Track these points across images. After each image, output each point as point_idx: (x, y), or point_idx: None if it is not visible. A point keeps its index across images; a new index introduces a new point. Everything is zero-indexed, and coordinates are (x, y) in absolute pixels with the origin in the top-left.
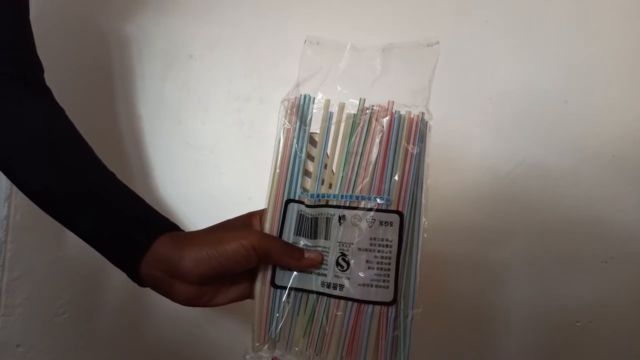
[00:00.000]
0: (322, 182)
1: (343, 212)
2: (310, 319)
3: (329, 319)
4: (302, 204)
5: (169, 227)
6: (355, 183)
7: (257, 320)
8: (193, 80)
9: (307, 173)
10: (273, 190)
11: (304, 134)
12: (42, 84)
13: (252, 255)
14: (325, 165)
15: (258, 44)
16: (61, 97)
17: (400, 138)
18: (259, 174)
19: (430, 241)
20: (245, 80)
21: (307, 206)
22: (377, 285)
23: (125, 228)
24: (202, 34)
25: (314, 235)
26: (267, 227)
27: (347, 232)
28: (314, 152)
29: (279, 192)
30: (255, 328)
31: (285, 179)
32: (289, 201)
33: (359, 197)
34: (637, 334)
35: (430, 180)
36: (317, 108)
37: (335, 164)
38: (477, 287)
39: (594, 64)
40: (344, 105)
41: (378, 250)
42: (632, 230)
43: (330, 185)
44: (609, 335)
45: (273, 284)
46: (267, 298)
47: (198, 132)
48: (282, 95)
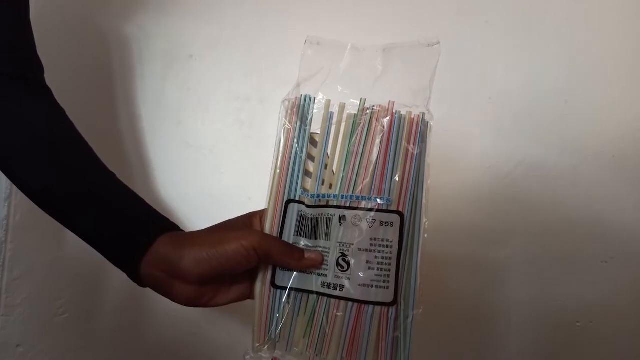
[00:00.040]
0: (322, 182)
1: (343, 212)
2: (311, 320)
3: (329, 319)
4: (303, 204)
5: (169, 227)
6: (355, 183)
7: (257, 321)
8: (193, 80)
9: (307, 173)
10: (273, 191)
11: (305, 134)
12: (42, 84)
13: (252, 256)
14: (326, 165)
15: (258, 44)
16: (61, 97)
17: (401, 138)
18: (259, 174)
19: (430, 241)
20: (245, 80)
21: (308, 206)
22: (377, 286)
23: (125, 228)
24: (202, 34)
25: (315, 235)
26: (268, 227)
27: (348, 233)
28: (314, 153)
29: (279, 192)
30: (255, 328)
31: (286, 179)
32: (289, 201)
33: (360, 198)
34: (637, 334)
35: (430, 181)
36: (318, 108)
37: (335, 164)
38: (477, 287)
39: (594, 64)
40: (344, 105)
41: (378, 251)
42: (632, 230)
43: (330, 186)
44: (609, 335)
45: (273, 284)
46: (267, 298)
47: (198, 132)
48: (282, 95)
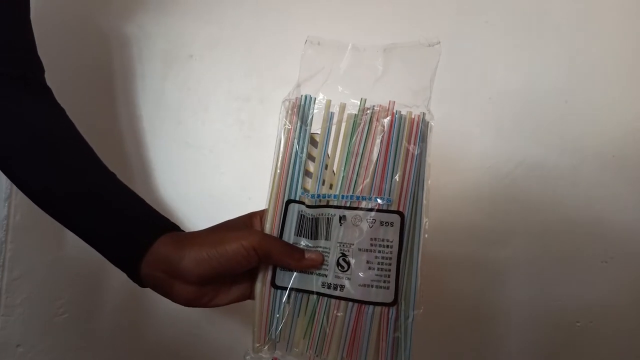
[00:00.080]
0: (322, 182)
1: (344, 212)
2: (311, 320)
3: (330, 319)
4: (303, 204)
5: (169, 228)
6: (355, 183)
7: (257, 321)
8: (193, 80)
9: (307, 173)
10: (274, 191)
11: (305, 135)
12: (42, 84)
13: (252, 256)
14: (326, 165)
15: (258, 44)
16: (61, 97)
17: (401, 138)
18: (259, 174)
19: (430, 241)
20: (245, 80)
21: (308, 206)
22: (377, 286)
23: (125, 228)
24: (203, 34)
25: (315, 235)
26: (268, 227)
27: (348, 233)
28: (314, 153)
29: (279, 192)
30: (255, 329)
31: (286, 179)
32: (289, 201)
33: (360, 198)
34: (637, 334)
35: (430, 181)
36: (318, 108)
37: (336, 165)
38: (477, 287)
39: (594, 64)
40: (344, 105)
41: (379, 251)
42: (632, 230)
43: (330, 186)
44: (609, 335)
45: (273, 284)
46: (267, 299)
47: (198, 132)
48: (282, 95)
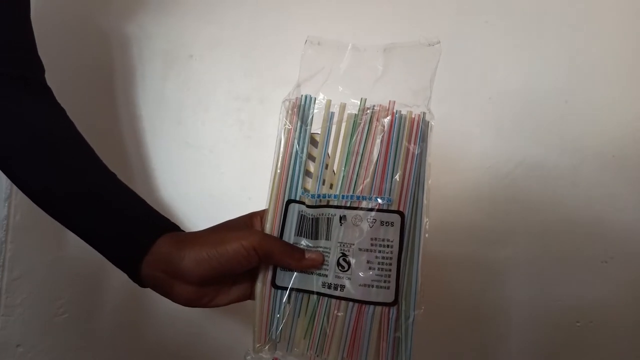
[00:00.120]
0: (323, 182)
1: (344, 212)
2: (311, 320)
3: (330, 319)
4: (303, 204)
5: (169, 228)
6: (356, 183)
7: (257, 321)
8: (193, 80)
9: (308, 173)
10: (274, 191)
11: (305, 135)
12: (42, 84)
13: (252, 256)
14: (326, 165)
15: (258, 44)
16: (61, 97)
17: (401, 138)
18: (259, 174)
19: (430, 241)
20: (245, 80)
21: (308, 206)
22: (378, 286)
23: (125, 228)
24: (203, 34)
25: (315, 235)
26: (268, 227)
27: (348, 233)
28: (314, 153)
29: (279, 192)
30: (255, 329)
31: (286, 179)
32: (289, 201)
33: (360, 197)
34: (637, 334)
35: (430, 180)
36: (318, 108)
37: (336, 164)
38: (477, 287)
39: (594, 64)
40: (345, 105)
41: (379, 251)
42: (632, 230)
43: (331, 186)
44: (609, 335)
45: (274, 284)
46: (267, 299)
47: (198, 132)
48: (282, 95)
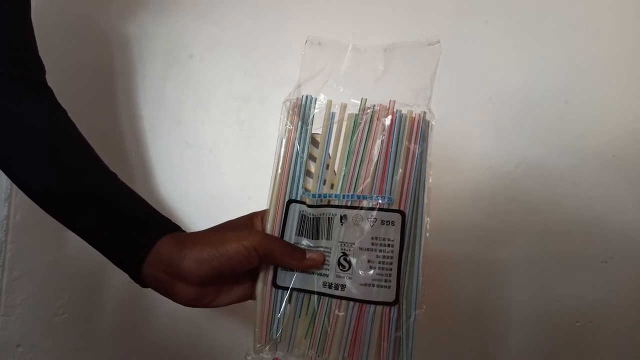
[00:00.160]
0: (323, 182)
1: (345, 211)
2: (312, 320)
3: (331, 319)
4: (304, 204)
5: (170, 228)
6: (356, 183)
7: (258, 321)
8: (193, 80)
9: (308, 173)
10: (275, 191)
11: (306, 135)
12: (43, 84)
13: (253, 256)
14: (327, 165)
15: (258, 44)
16: (61, 97)
17: (402, 137)
18: (259, 174)
19: (430, 241)
20: (245, 80)
21: (309, 206)
22: (378, 285)
23: (126, 228)
24: (203, 34)
25: (316, 235)
26: (269, 227)
27: (349, 232)
28: (315, 153)
29: (280, 192)
30: (256, 329)
31: (287, 179)
32: (290, 201)
33: (361, 197)
34: (637, 334)
35: (431, 180)
36: (319, 108)
37: (337, 164)
38: (477, 287)
39: (594, 64)
40: (345, 105)
41: (380, 250)
42: (632, 230)
43: (332, 186)
44: (609, 335)
45: (274, 284)
46: (268, 299)
47: (198, 132)
48: (282, 95)
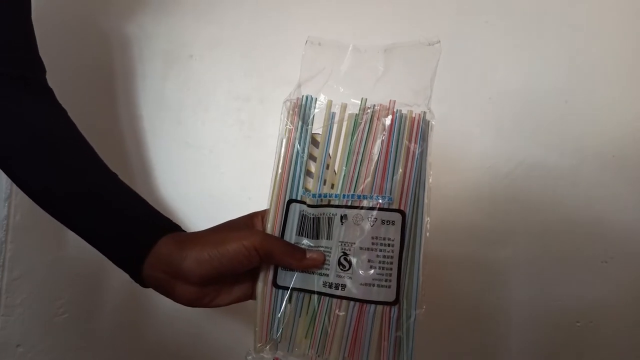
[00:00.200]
0: (324, 182)
1: (345, 211)
2: (312, 320)
3: (331, 319)
4: (304, 204)
5: (171, 228)
6: (357, 182)
7: (258, 321)
8: (193, 80)
9: (309, 173)
10: (275, 191)
11: (306, 135)
12: (43, 84)
13: (253, 256)
14: (327, 165)
15: (258, 44)
16: (62, 97)
17: (402, 137)
18: (259, 174)
19: (430, 241)
20: (245, 80)
21: (309, 206)
22: (379, 285)
23: (126, 228)
24: (203, 34)
25: (316, 235)
26: (269, 227)
27: (349, 232)
28: (315, 153)
29: (281, 192)
30: (257, 329)
31: (287, 179)
32: (291, 201)
33: (361, 197)
34: (637, 334)
35: (431, 180)
36: (319, 108)
37: (337, 164)
38: (477, 287)
39: (594, 64)
40: (346, 105)
41: (380, 250)
42: (632, 230)
43: (332, 185)
44: (609, 335)
45: (275, 284)
46: (269, 298)
47: (198, 132)
48: (282, 95)
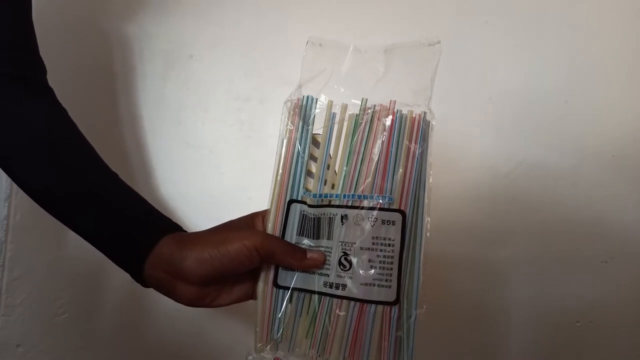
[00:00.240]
0: (324, 182)
1: (345, 211)
2: (313, 320)
3: (332, 319)
4: (305, 204)
5: (171, 228)
6: (357, 182)
7: (259, 321)
8: (193, 80)
9: (309, 173)
10: (276, 191)
11: (307, 135)
12: (43, 84)
13: (254, 256)
14: (328, 165)
15: (258, 44)
16: (61, 97)
17: (402, 137)
18: (259, 174)
19: (430, 241)
20: (245, 80)
21: (310, 206)
22: (379, 285)
23: (126, 228)
24: (203, 34)
25: (317, 235)
26: (270, 227)
27: (350, 232)
28: (316, 153)
29: (281, 192)
30: (257, 329)
31: (288, 179)
32: (291, 201)
33: (362, 197)
34: (637, 334)
35: (431, 180)
36: (320, 108)
37: (337, 164)
38: (477, 287)
39: (594, 64)
40: (346, 106)
41: (380, 250)
42: (632, 230)
43: (332, 186)
44: (609, 335)
45: (275, 284)
46: (269, 298)
47: (198, 132)
48: (282, 95)
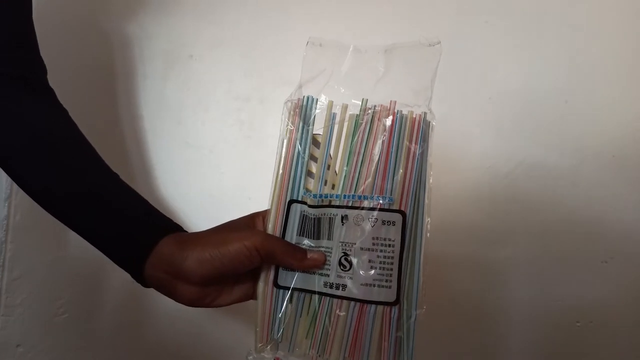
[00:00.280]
0: (325, 182)
1: (346, 212)
2: (313, 320)
3: (332, 319)
4: (305, 204)
5: (172, 228)
6: (357, 183)
7: (259, 321)
8: (193, 80)
9: (309, 174)
10: (276, 191)
11: (307, 135)
12: (43, 84)
13: (255, 256)
14: (328, 166)
15: (258, 44)
16: (62, 97)
17: (403, 137)
18: (259, 174)
19: (431, 241)
20: (245, 80)
21: (310, 206)
22: (379, 285)
23: (126, 228)
24: (203, 34)
25: (317, 235)
26: (270, 227)
27: (350, 232)
28: (316, 153)
29: (282, 192)
30: (257, 329)
31: (288, 180)
32: (291, 202)
33: (362, 197)
34: (637, 334)
35: (431, 180)
36: (320, 109)
37: (338, 164)
38: (477, 287)
39: (594, 64)
40: (347, 106)
41: (380, 250)
42: (632, 230)
43: (333, 186)
44: (609, 335)
45: (276, 284)
46: (269, 299)
47: (198, 132)
48: (282, 95)
